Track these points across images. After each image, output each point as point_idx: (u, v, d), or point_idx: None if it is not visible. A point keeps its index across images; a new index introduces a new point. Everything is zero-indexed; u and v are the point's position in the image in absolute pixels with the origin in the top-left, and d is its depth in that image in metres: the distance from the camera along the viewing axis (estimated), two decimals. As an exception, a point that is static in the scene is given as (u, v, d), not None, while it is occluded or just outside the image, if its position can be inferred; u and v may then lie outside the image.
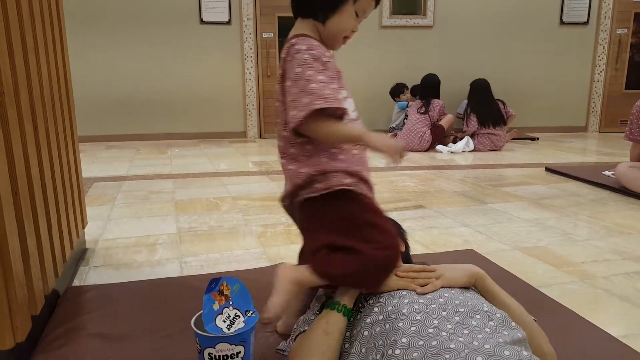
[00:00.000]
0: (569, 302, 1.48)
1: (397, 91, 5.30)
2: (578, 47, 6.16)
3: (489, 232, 2.23)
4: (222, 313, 0.96)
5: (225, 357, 0.90)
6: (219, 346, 0.90)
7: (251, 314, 0.97)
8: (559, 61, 6.14)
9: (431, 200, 2.81)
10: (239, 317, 0.96)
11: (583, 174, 3.30)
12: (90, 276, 1.73)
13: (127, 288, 1.59)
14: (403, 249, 1.27)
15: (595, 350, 1.21)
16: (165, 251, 1.99)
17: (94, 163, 4.07)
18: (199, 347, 0.93)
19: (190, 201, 2.79)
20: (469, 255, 1.87)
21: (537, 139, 5.50)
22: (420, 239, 2.11)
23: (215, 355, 0.90)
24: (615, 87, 6.24)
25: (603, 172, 3.28)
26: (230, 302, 0.97)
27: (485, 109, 4.65)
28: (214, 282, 0.98)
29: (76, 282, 1.67)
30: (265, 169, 3.83)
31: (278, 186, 3.19)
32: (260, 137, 5.88)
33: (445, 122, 4.75)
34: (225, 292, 0.98)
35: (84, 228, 1.93)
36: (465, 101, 5.16)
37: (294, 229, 2.28)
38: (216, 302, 0.96)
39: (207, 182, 3.30)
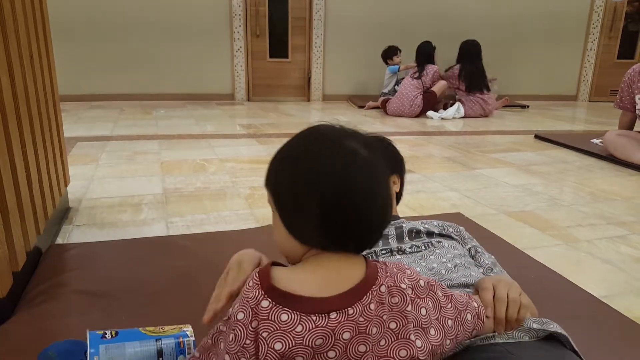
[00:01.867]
0: (553, 264, 1.49)
1: (389, 54, 5.19)
2: (573, 14, 6.08)
3: (477, 196, 2.24)
4: None
5: None
6: None
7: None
8: (553, 28, 6.06)
9: (420, 165, 2.80)
10: None
11: (571, 142, 3.31)
12: (73, 235, 1.70)
13: (112, 246, 1.57)
14: (397, 188, 1.25)
15: (578, 309, 1.24)
16: (151, 211, 1.96)
17: (76, 123, 3.96)
18: None
19: (176, 162, 2.75)
20: (456, 219, 1.87)
21: (528, 106, 5.48)
22: (408, 202, 2.11)
23: None
24: (607, 56, 6.20)
25: (591, 140, 3.29)
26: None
27: (473, 74, 4.60)
28: None
29: (59, 241, 1.64)
30: (254, 132, 3.77)
31: (266, 149, 3.15)
32: (249, 100, 5.78)
33: (437, 88, 4.70)
34: None
35: (66, 186, 1.89)
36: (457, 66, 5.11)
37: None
38: None
39: (193, 144, 3.24)
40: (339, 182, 0.59)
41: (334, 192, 0.58)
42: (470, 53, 4.66)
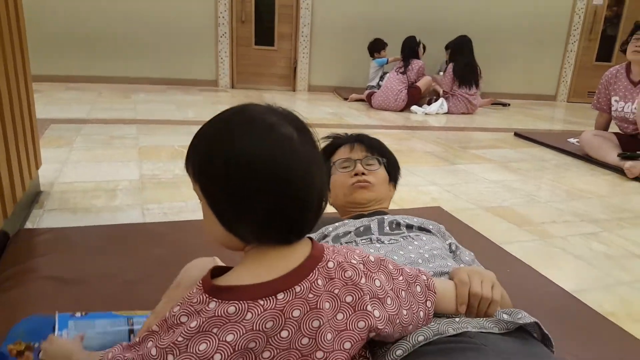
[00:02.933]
0: (527, 259, 1.51)
1: (376, 47, 5.17)
2: (555, 16, 6.15)
3: (457, 191, 2.25)
4: None
5: None
6: None
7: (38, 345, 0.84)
8: (535, 29, 6.13)
9: (402, 159, 2.75)
10: None
11: (549, 140, 3.36)
12: (44, 219, 1.65)
13: (85, 232, 1.53)
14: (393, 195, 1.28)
15: (550, 303, 1.25)
16: (126, 197, 1.91)
17: (51, 104, 3.85)
18: None
19: (154, 148, 2.69)
20: (436, 212, 1.88)
21: (509, 104, 5.55)
22: (388, 195, 2.11)
23: None
24: (586, 58, 6.31)
25: (568, 140, 3.35)
26: (36, 345, 0.84)
27: (464, 69, 4.62)
28: None
29: (29, 225, 1.59)
30: (235, 119, 3.71)
31: (247, 137, 3.10)
32: (233, 87, 5.70)
33: (422, 83, 4.71)
34: (21, 348, 0.84)
35: (37, 169, 1.83)
36: (442, 62, 5.13)
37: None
38: None
39: (173, 130, 3.18)
40: (276, 174, 0.56)
41: (270, 185, 0.56)
42: (463, 48, 4.67)
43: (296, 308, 0.58)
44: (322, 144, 1.34)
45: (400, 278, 0.70)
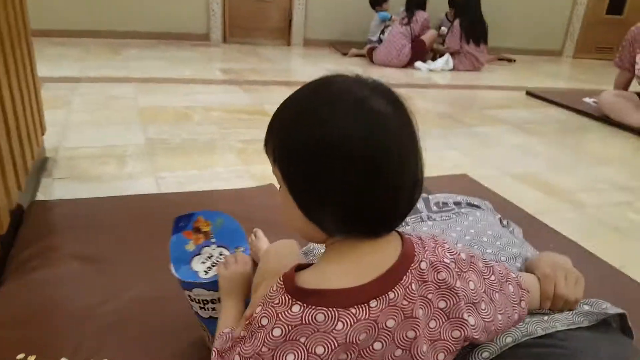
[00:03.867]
0: (565, 231, 1.46)
1: (376, 0, 4.93)
2: (562, -35, 5.91)
3: (477, 156, 2.17)
4: (200, 254, 0.81)
5: (204, 302, 0.77)
6: (196, 291, 0.77)
7: (242, 251, 0.82)
8: (541, -21, 5.89)
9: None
10: (225, 256, 0.81)
11: (564, 100, 3.27)
12: (55, 189, 1.54)
13: (101, 204, 1.43)
14: None
15: (600, 280, 1.21)
16: (136, 164, 1.80)
17: (39, 61, 3.60)
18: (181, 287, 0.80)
19: (156, 109, 2.54)
20: (463, 181, 1.81)
21: (514, 60, 5.40)
22: (411, 160, 2.03)
23: (195, 299, 0.78)
24: (596, 11, 6.06)
25: (584, 99, 3.26)
26: (212, 240, 0.82)
27: (472, 24, 4.43)
28: (182, 220, 0.81)
29: (40, 196, 1.48)
30: (235, 78, 3.54)
31: (252, 98, 2.96)
32: (225, 42, 5.43)
33: (427, 37, 4.52)
34: (204, 229, 0.82)
35: (43, 134, 1.70)
36: (442, 16, 4.93)
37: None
38: (190, 242, 0.81)
39: (172, 89, 3.01)
40: (367, 156, 0.47)
41: (360, 169, 0.47)
42: (470, 3, 4.46)
43: (390, 317, 0.51)
44: None
45: (492, 277, 0.63)
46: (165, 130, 2.20)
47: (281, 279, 0.51)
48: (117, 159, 1.82)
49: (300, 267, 0.54)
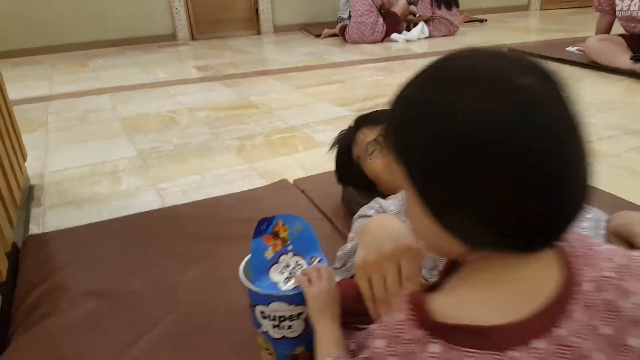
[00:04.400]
0: (596, 184, 1.39)
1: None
2: None
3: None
4: (278, 262, 0.72)
5: (281, 318, 0.68)
6: (274, 305, 0.67)
7: (318, 261, 0.73)
8: None
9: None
10: (301, 266, 0.73)
11: (548, 52, 3.20)
12: (48, 219, 1.41)
13: (103, 229, 1.30)
14: None
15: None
16: (132, 178, 1.68)
17: (2, 83, 3.40)
18: (250, 301, 0.71)
19: (139, 117, 2.40)
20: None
21: (485, 20, 5.34)
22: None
23: (269, 315, 0.69)
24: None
25: (567, 49, 3.21)
26: (290, 247, 0.73)
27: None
28: (265, 222, 0.72)
29: (33, 229, 1.35)
30: (213, 74, 3.40)
31: (235, 92, 2.83)
32: (193, 39, 5.24)
33: (399, 8, 4.41)
34: (282, 235, 0.73)
35: (24, 161, 1.56)
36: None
37: (275, 138, 2.04)
38: (269, 247, 0.72)
39: (150, 94, 2.86)
40: (520, 148, 0.37)
41: (511, 164, 0.37)
42: None
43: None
44: (332, 153, 1.20)
45: None
46: (153, 138, 2.07)
47: (411, 307, 0.41)
48: (109, 177, 1.70)
49: (428, 288, 0.44)
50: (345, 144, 1.16)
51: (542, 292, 0.41)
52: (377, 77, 3.03)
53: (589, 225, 0.78)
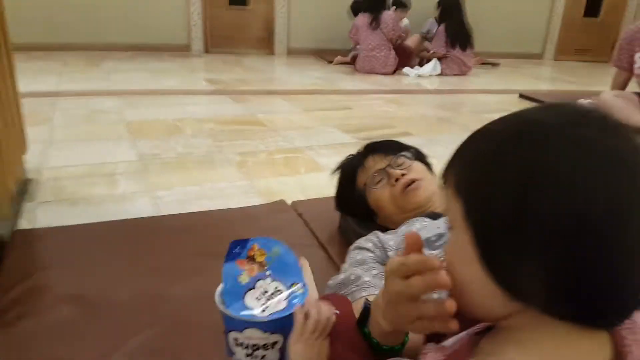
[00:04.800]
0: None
1: (359, 6, 4.86)
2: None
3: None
4: (254, 288, 0.68)
5: (254, 347, 0.65)
6: (248, 332, 0.64)
7: (299, 288, 0.70)
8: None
9: (418, 128, 2.61)
10: (280, 292, 0.69)
11: (559, 101, 3.23)
12: (39, 215, 1.38)
13: (94, 231, 1.27)
14: None
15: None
16: (130, 183, 1.65)
17: (13, 75, 3.41)
18: (224, 327, 0.68)
19: (145, 122, 2.39)
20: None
21: (499, 64, 5.41)
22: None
23: (242, 343, 0.65)
24: (574, 13, 6.15)
25: (579, 101, 3.22)
26: (268, 273, 0.70)
27: (458, 29, 4.40)
28: (239, 246, 0.69)
29: (24, 224, 1.32)
30: (223, 87, 3.41)
31: (245, 108, 2.83)
32: (207, 52, 5.30)
33: (412, 42, 4.47)
34: (258, 259, 0.70)
35: (24, 153, 1.54)
36: (431, 20, 4.88)
37: (278, 157, 2.03)
38: (244, 272, 0.68)
39: (158, 101, 2.87)
40: (608, 211, 0.33)
41: (598, 226, 0.33)
42: (454, 7, 4.42)
43: None
44: (335, 176, 1.17)
45: None
46: (157, 144, 2.05)
47: None
48: (107, 179, 1.67)
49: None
50: (351, 169, 1.13)
51: None
52: (386, 108, 3.04)
53: None
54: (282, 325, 0.64)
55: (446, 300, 0.41)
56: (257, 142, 2.15)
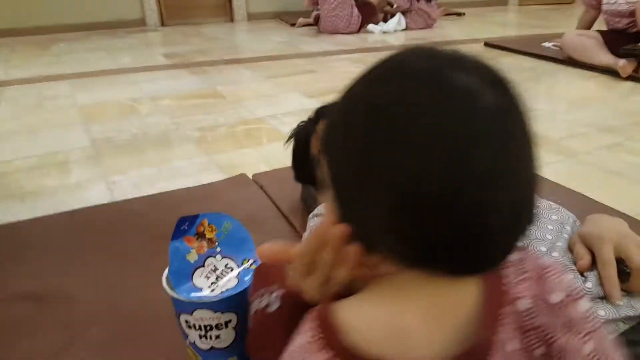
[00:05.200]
0: (565, 182, 1.36)
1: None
2: None
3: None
4: (203, 266, 0.64)
5: (207, 328, 0.61)
6: (198, 313, 0.60)
7: (251, 264, 0.65)
8: None
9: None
10: (231, 269, 0.64)
11: (524, 47, 3.20)
12: (-14, 214, 1.30)
13: (45, 225, 1.21)
14: None
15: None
16: (83, 170, 1.57)
17: (-45, 66, 3.21)
18: (175, 310, 0.63)
19: (98, 105, 2.28)
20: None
21: (464, 14, 5.31)
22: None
23: (194, 325, 0.61)
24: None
25: (543, 44, 3.19)
26: (218, 249, 0.65)
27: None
28: (187, 222, 0.64)
29: (-33, 225, 1.24)
30: (181, 61, 3.27)
31: (202, 81, 2.72)
32: (163, 25, 5.06)
33: (375, -3, 4.33)
34: (208, 235, 0.65)
35: (-39, 152, 1.43)
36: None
37: (239, 129, 1.96)
38: (192, 250, 0.64)
39: (112, 81, 2.73)
40: (452, 152, 0.30)
41: (441, 170, 0.30)
42: None
43: None
44: (289, 147, 1.12)
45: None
46: (110, 127, 1.96)
47: (316, 323, 0.36)
48: (59, 168, 1.59)
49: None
50: (303, 138, 1.07)
51: (457, 314, 0.36)
52: (351, 69, 2.95)
53: (552, 229, 0.73)
54: (234, 302, 0.61)
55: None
56: (217, 116, 2.06)
